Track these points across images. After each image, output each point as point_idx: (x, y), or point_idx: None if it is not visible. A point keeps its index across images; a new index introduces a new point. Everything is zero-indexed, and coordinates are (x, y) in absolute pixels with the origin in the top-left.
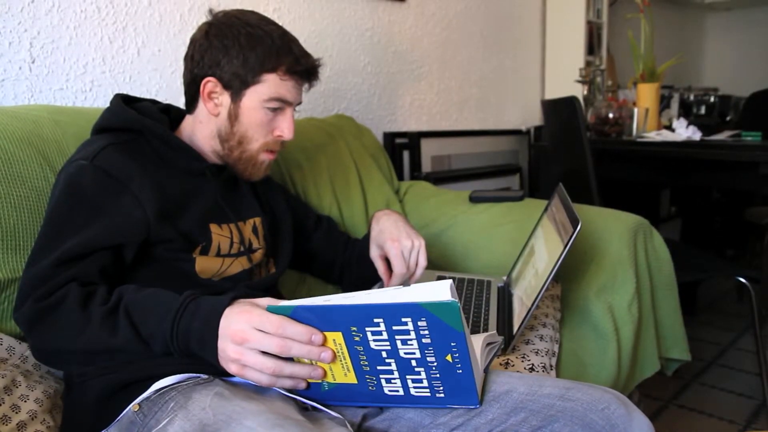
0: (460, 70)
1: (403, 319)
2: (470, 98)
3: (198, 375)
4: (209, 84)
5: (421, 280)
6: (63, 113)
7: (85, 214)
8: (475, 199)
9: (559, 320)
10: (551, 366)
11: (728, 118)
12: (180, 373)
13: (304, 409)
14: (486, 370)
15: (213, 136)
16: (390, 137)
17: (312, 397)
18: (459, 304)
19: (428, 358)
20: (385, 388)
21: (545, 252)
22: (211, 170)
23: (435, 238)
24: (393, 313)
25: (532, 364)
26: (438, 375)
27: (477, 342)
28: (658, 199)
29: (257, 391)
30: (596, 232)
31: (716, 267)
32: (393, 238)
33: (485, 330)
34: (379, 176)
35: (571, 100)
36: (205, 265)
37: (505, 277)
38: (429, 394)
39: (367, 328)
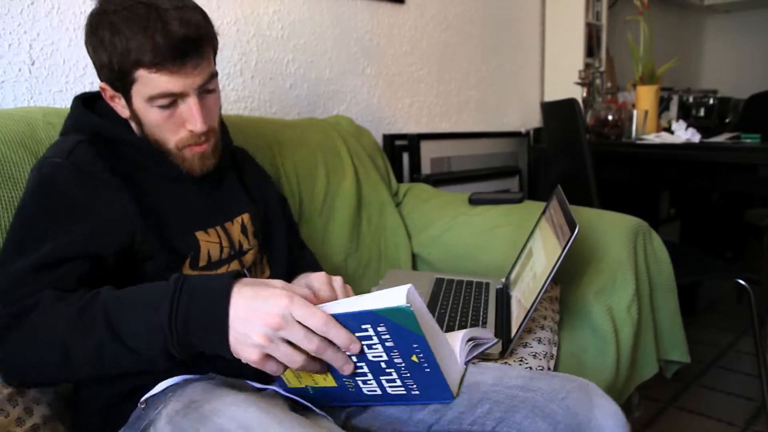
0: (459, 72)
1: (363, 326)
2: (470, 100)
3: (205, 374)
4: (105, 89)
5: (421, 281)
6: (58, 115)
7: (62, 215)
8: (474, 201)
9: (558, 322)
10: (549, 369)
11: (727, 120)
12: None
13: (292, 410)
14: (467, 364)
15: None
16: (389, 139)
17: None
18: (411, 309)
19: (395, 360)
20: (363, 389)
21: (543, 254)
22: (187, 174)
23: (434, 240)
24: (352, 321)
25: (530, 368)
26: (408, 374)
27: (455, 338)
28: (658, 201)
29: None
30: (596, 234)
31: (715, 269)
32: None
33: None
34: (376, 177)
35: (570, 103)
36: None
37: (503, 279)
38: (405, 392)
39: None
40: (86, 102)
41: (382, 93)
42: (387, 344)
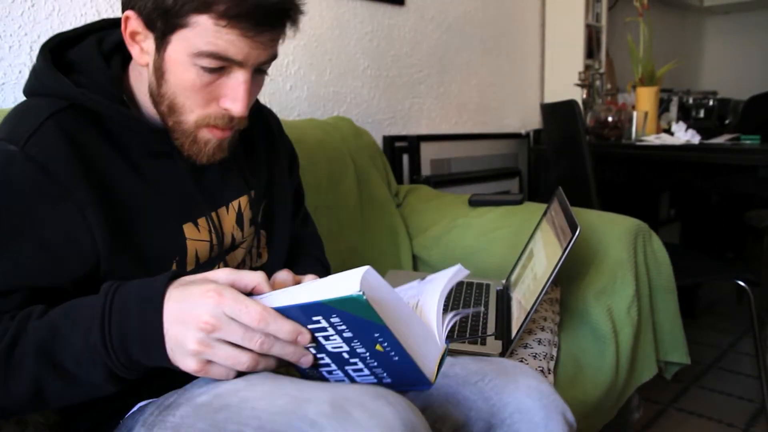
0: (459, 73)
1: (314, 318)
2: (470, 102)
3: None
4: (130, 21)
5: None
6: None
7: (8, 229)
8: (474, 202)
9: (558, 324)
10: (549, 370)
11: (727, 122)
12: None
13: None
14: (448, 341)
15: (148, 93)
16: (390, 140)
17: None
18: (365, 297)
19: (358, 350)
20: (330, 378)
21: (544, 256)
22: (179, 152)
23: (434, 242)
24: (299, 313)
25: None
26: (375, 363)
27: (430, 316)
28: (658, 202)
29: None
30: (596, 236)
31: (715, 270)
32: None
33: (484, 332)
34: (376, 178)
35: (570, 104)
36: None
37: (504, 281)
38: (375, 381)
39: None
40: (55, 53)
41: (382, 94)
42: (345, 335)
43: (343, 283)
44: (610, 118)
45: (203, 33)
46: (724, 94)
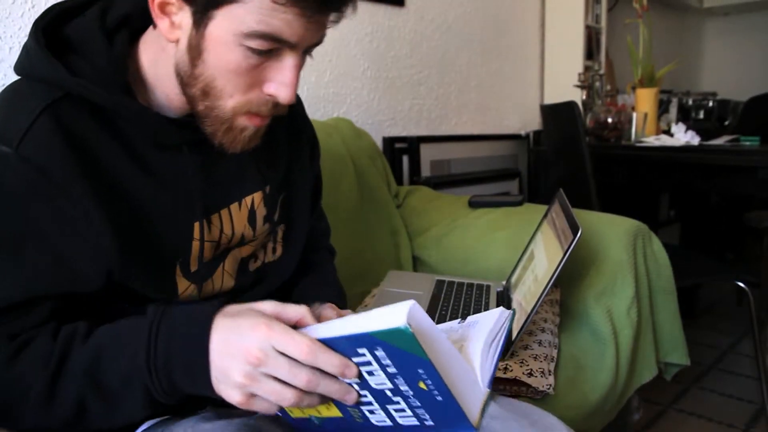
0: (459, 74)
1: (359, 350)
2: (469, 103)
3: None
4: None
5: (422, 283)
6: None
7: (10, 237)
8: (474, 203)
9: (558, 325)
10: (549, 371)
11: (727, 123)
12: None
13: None
14: (491, 385)
15: (174, 73)
16: (389, 142)
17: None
18: (411, 330)
19: (401, 388)
20: (372, 419)
21: (545, 258)
22: (190, 143)
23: (434, 243)
24: (345, 345)
25: (531, 370)
26: (419, 404)
27: (473, 354)
28: (658, 203)
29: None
30: (595, 237)
31: (715, 271)
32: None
33: None
34: (376, 178)
35: (570, 105)
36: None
37: (504, 282)
38: (418, 423)
39: None
40: (50, 28)
41: (382, 95)
42: (389, 370)
43: (389, 316)
44: (609, 120)
45: (256, 10)
46: (724, 95)
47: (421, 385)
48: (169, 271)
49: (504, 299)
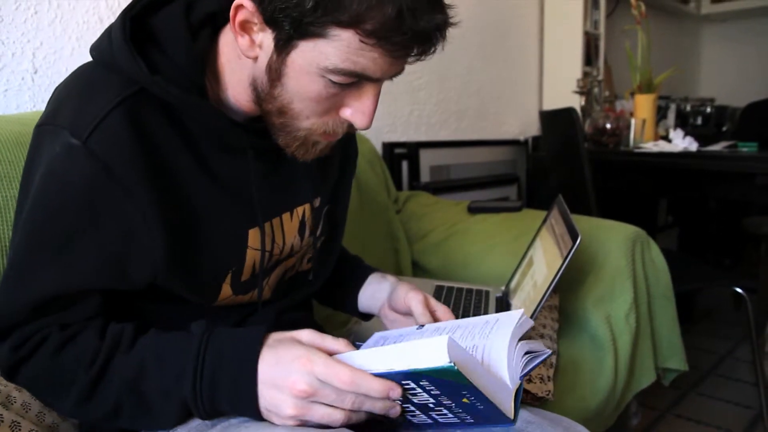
0: (458, 80)
1: (403, 382)
2: (469, 108)
3: None
4: (243, 10)
5: (421, 289)
6: None
7: (65, 230)
8: (473, 209)
9: (557, 330)
10: (549, 377)
11: (724, 129)
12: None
13: None
14: (522, 379)
15: (249, 84)
16: (389, 147)
17: None
18: (456, 367)
19: (444, 402)
20: (414, 420)
21: (544, 264)
22: (256, 148)
23: (433, 248)
24: (389, 378)
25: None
26: (461, 411)
27: (500, 359)
28: (656, 208)
29: None
30: (594, 243)
31: (713, 277)
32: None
33: None
34: (375, 184)
35: (568, 111)
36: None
37: (503, 287)
38: (458, 421)
39: None
40: (136, 19)
41: (382, 101)
42: (432, 393)
43: (431, 354)
44: (608, 125)
45: (343, 49)
46: (722, 101)
47: (465, 400)
48: (218, 280)
49: (503, 305)
